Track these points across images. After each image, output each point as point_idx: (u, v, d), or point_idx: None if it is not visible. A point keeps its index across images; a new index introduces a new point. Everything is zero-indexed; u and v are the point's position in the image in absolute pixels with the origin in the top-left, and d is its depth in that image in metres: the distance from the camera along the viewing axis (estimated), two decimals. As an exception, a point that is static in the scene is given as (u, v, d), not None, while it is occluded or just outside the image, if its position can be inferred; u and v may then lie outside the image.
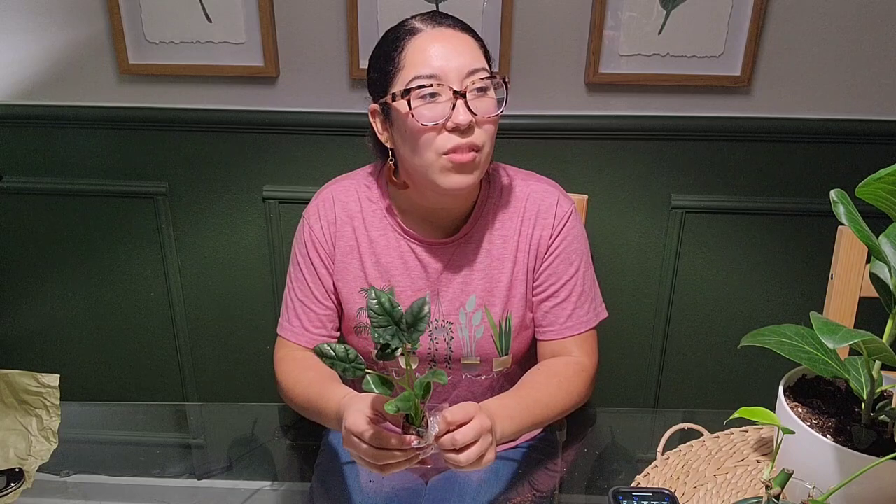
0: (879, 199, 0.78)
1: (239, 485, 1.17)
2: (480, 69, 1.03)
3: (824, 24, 1.48)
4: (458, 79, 1.01)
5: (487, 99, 1.03)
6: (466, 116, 1.00)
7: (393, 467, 0.90)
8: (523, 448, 1.23)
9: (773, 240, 1.65)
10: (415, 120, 1.01)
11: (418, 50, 1.03)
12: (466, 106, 1.01)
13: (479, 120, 1.02)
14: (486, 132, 1.04)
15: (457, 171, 1.03)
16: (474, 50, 1.05)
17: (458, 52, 1.02)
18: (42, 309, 1.83)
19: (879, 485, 0.81)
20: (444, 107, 1.01)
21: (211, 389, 1.89)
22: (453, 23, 1.06)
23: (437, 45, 1.02)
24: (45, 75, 1.60)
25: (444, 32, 1.04)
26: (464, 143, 1.02)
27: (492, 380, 1.20)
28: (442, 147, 1.02)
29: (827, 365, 0.87)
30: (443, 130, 1.02)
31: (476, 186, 1.12)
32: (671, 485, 1.00)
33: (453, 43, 1.03)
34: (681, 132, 1.57)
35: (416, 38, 1.04)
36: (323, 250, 1.16)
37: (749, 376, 1.77)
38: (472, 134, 1.02)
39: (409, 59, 1.03)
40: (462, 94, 1.01)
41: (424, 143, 1.03)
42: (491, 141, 1.06)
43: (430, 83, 1.01)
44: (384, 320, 0.81)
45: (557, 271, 1.16)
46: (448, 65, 1.01)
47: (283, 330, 1.20)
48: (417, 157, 1.04)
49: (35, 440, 1.14)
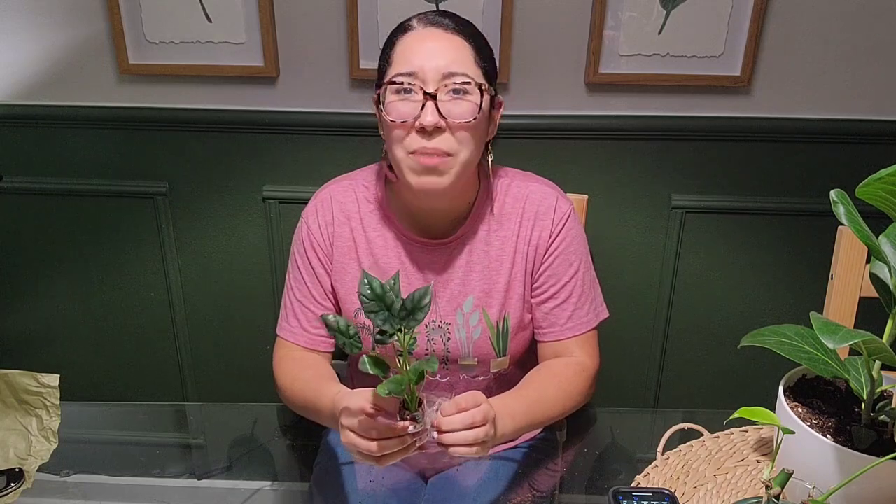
0: (879, 199, 0.78)
1: (239, 485, 1.17)
2: (460, 73, 1.02)
3: (824, 24, 1.48)
4: (433, 79, 1.01)
5: (464, 103, 1.02)
6: (433, 118, 1.00)
7: (390, 457, 0.90)
8: (523, 448, 1.23)
9: (773, 240, 1.65)
10: (386, 114, 1.03)
11: (405, 47, 1.04)
12: (436, 108, 1.00)
13: (451, 124, 1.02)
14: (460, 138, 1.03)
15: (425, 173, 1.03)
16: (461, 52, 1.04)
17: (440, 53, 1.02)
18: (42, 309, 1.83)
19: (879, 485, 0.81)
20: (414, 106, 1.01)
21: (211, 389, 1.89)
22: (449, 23, 1.06)
23: (422, 44, 1.03)
24: (45, 75, 1.60)
25: (434, 32, 1.04)
26: (428, 147, 1.01)
27: (489, 380, 1.20)
28: (409, 146, 1.03)
29: (827, 365, 0.87)
30: (412, 130, 1.02)
31: (463, 189, 1.11)
32: (671, 485, 1.00)
33: (439, 43, 1.03)
34: (681, 132, 1.57)
35: (407, 35, 1.05)
36: (321, 251, 1.16)
37: (749, 376, 1.77)
38: (438, 137, 1.01)
39: (396, 56, 1.04)
40: (433, 96, 1.00)
41: (395, 139, 1.04)
42: (468, 147, 1.04)
43: (403, 81, 1.02)
44: (375, 305, 0.82)
45: (557, 272, 1.16)
46: (427, 64, 1.01)
47: (282, 330, 1.20)
48: (391, 152, 1.06)
49: (35, 440, 1.14)
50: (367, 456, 0.90)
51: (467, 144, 1.04)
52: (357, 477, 1.16)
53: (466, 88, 1.02)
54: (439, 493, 1.13)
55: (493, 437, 0.94)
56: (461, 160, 1.04)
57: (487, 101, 1.05)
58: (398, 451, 0.89)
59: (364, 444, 0.89)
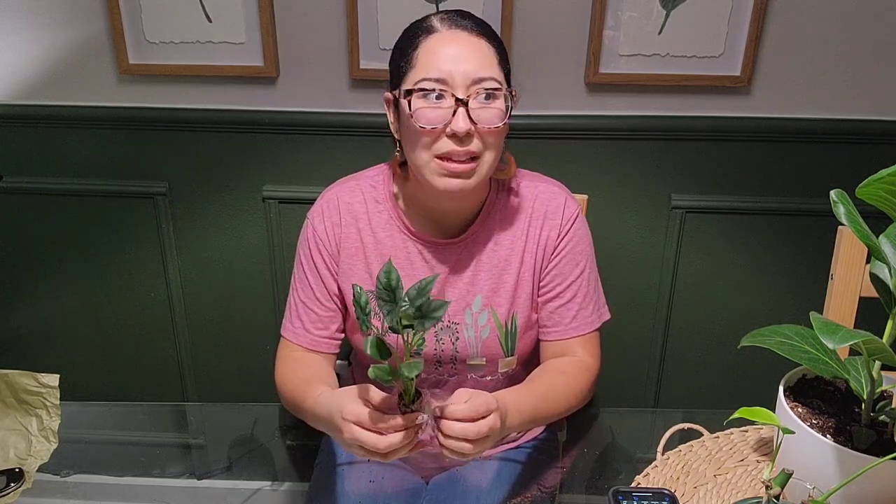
0: (879, 199, 0.78)
1: (239, 485, 1.17)
2: (489, 77, 1.02)
3: (824, 24, 1.48)
4: (463, 84, 1.01)
5: (492, 109, 1.02)
6: (465, 125, 1.00)
7: (396, 452, 0.87)
8: (524, 448, 1.23)
9: (773, 240, 1.65)
10: (415, 121, 1.01)
11: (430, 51, 1.02)
12: (468, 114, 1.00)
13: (480, 129, 1.02)
14: (488, 141, 1.03)
15: (450, 176, 1.03)
16: (487, 56, 1.03)
17: (467, 58, 1.02)
18: (42, 309, 1.83)
19: (879, 485, 0.81)
20: (445, 112, 1.01)
21: (211, 389, 1.89)
22: (472, 25, 1.05)
23: (448, 48, 1.02)
24: (45, 75, 1.60)
25: (459, 35, 1.03)
26: (460, 151, 1.02)
27: (497, 380, 1.20)
28: (437, 150, 1.02)
29: (827, 365, 0.87)
30: (442, 135, 1.02)
31: (479, 190, 1.11)
32: (671, 485, 1.00)
33: (466, 47, 1.02)
34: (681, 132, 1.57)
35: (431, 37, 1.03)
36: (326, 252, 1.16)
37: (749, 376, 1.77)
38: (470, 142, 1.02)
39: (420, 59, 1.03)
40: (465, 102, 1.00)
41: (422, 144, 1.03)
42: (494, 149, 1.05)
43: (434, 87, 1.01)
44: (387, 295, 0.82)
45: (563, 272, 1.16)
46: (456, 69, 1.01)
47: (286, 331, 1.20)
48: (415, 155, 1.05)
49: (35, 440, 1.14)
50: (370, 451, 0.88)
51: (493, 147, 1.05)
52: (357, 477, 1.16)
53: (495, 94, 1.02)
54: (440, 494, 1.13)
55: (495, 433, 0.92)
56: (487, 161, 1.05)
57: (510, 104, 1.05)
58: (404, 446, 0.87)
59: (369, 438, 0.86)
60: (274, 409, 1.29)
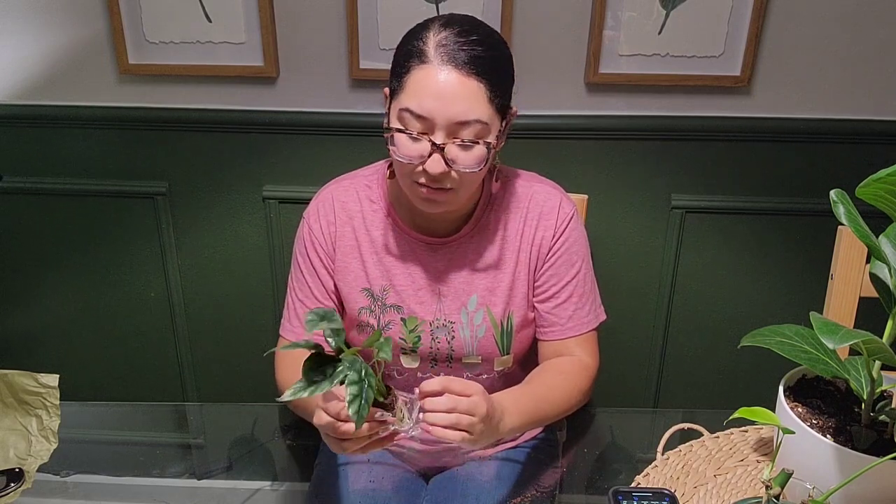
0: (879, 199, 0.78)
1: (239, 485, 1.17)
2: (473, 121, 0.98)
3: (824, 24, 1.48)
4: (444, 126, 0.98)
5: (471, 153, 1.00)
6: (439, 168, 0.99)
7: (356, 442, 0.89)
8: (524, 448, 1.23)
9: (773, 240, 1.65)
10: (395, 148, 1.02)
11: (418, 81, 0.99)
12: (443, 159, 0.99)
13: (456, 170, 1.01)
14: (465, 179, 1.03)
15: (427, 199, 1.04)
16: (476, 96, 0.98)
17: (454, 99, 0.98)
18: (42, 309, 1.83)
19: (879, 485, 0.81)
20: (423, 148, 1.00)
21: (211, 389, 1.89)
22: (467, 62, 0.98)
23: (436, 86, 0.98)
24: (45, 75, 1.60)
25: (449, 74, 0.97)
26: (432, 185, 1.02)
27: (492, 379, 1.20)
28: (415, 177, 1.03)
29: (827, 365, 0.87)
30: (419, 166, 1.01)
31: (464, 201, 1.10)
32: (671, 485, 1.00)
33: (453, 88, 0.98)
34: (681, 132, 1.57)
35: (422, 69, 0.98)
36: (322, 250, 1.16)
37: (749, 376, 1.77)
38: (445, 181, 1.02)
39: (409, 87, 1.00)
40: (441, 148, 0.99)
41: (403, 167, 1.03)
42: (471, 185, 1.05)
43: (412, 130, 1.00)
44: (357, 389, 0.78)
45: (559, 272, 1.16)
46: (439, 110, 0.98)
47: (284, 330, 1.20)
48: (397, 168, 1.06)
49: (35, 440, 1.14)
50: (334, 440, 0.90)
51: (470, 185, 1.05)
52: (357, 477, 1.16)
53: (475, 139, 1.00)
54: (440, 493, 1.13)
55: (482, 432, 0.92)
56: (463, 194, 1.06)
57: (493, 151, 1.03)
58: (363, 437, 0.88)
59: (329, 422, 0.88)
60: (274, 409, 1.29)
